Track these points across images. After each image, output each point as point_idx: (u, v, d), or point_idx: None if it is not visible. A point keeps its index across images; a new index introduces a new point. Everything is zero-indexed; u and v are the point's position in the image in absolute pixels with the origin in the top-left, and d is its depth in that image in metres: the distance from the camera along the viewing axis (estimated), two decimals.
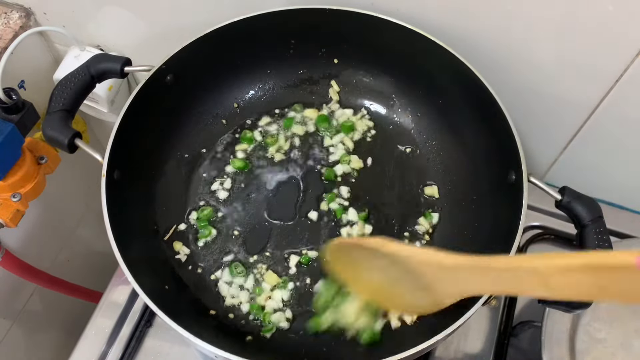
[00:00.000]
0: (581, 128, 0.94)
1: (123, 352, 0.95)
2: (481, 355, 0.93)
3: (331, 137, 0.98)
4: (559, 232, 1.04)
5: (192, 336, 0.68)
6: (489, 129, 0.84)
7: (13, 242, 1.22)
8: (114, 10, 1.07)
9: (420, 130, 0.98)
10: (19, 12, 1.13)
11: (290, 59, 0.98)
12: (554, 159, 1.02)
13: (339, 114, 1.00)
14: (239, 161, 0.96)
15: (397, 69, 0.96)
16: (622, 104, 0.87)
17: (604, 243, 0.72)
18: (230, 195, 0.94)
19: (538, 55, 0.86)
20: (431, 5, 0.86)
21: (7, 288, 1.27)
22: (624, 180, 1.01)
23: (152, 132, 0.90)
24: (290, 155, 0.97)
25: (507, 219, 0.77)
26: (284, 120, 0.99)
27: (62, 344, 1.45)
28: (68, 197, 1.39)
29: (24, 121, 1.04)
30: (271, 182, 0.95)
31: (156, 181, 0.92)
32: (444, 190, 0.94)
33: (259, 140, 0.98)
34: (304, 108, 1.00)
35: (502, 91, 0.81)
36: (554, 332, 0.87)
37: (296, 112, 1.00)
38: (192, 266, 0.89)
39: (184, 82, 0.90)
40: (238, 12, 0.88)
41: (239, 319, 0.86)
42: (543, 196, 0.77)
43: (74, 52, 1.14)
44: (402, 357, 0.69)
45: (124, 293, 0.99)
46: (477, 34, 0.87)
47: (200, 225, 0.92)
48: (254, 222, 0.92)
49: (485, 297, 0.71)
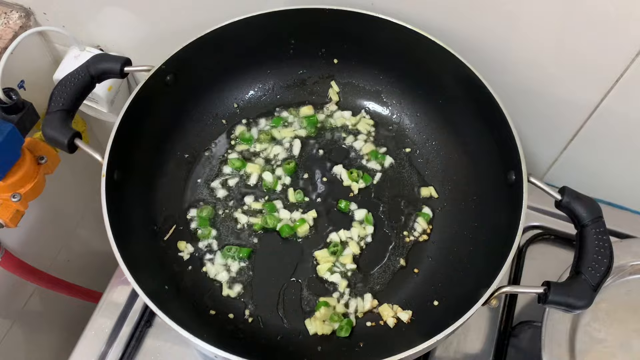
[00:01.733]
0: (581, 128, 0.94)
1: (123, 352, 0.95)
2: (481, 355, 0.93)
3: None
4: (559, 232, 1.04)
5: (192, 336, 0.68)
6: (489, 129, 0.84)
7: (13, 242, 1.22)
8: (114, 10, 1.07)
9: (420, 130, 0.98)
10: (18, 12, 1.13)
11: (290, 59, 0.98)
12: (553, 159, 1.02)
13: (337, 115, 1.00)
14: (237, 161, 0.96)
15: (397, 69, 0.96)
16: (622, 104, 0.87)
17: (603, 243, 0.72)
18: (230, 194, 0.95)
19: (538, 55, 0.86)
20: (431, 5, 0.86)
21: (7, 288, 1.27)
22: (624, 180, 1.01)
23: (152, 132, 0.90)
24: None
25: (507, 219, 0.77)
26: (274, 119, 1.00)
27: (62, 344, 1.45)
28: (68, 197, 1.39)
29: (23, 121, 1.05)
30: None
31: (156, 181, 0.92)
32: (443, 190, 0.94)
33: (257, 139, 0.98)
34: (299, 107, 1.01)
35: (502, 91, 0.81)
36: (554, 332, 0.87)
37: (289, 113, 1.00)
38: (192, 266, 0.89)
39: (184, 82, 0.90)
40: (238, 12, 0.88)
41: (239, 318, 0.86)
42: (543, 196, 0.77)
43: (74, 52, 1.14)
44: (402, 357, 0.69)
45: (123, 293, 0.99)
46: (477, 34, 0.87)
47: (200, 224, 0.92)
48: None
49: (485, 297, 0.71)
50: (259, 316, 0.86)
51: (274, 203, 0.93)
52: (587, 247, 0.72)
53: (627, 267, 0.91)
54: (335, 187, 0.95)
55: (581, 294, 0.70)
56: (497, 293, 0.71)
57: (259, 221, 0.92)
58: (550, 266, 0.96)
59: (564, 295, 0.70)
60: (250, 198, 0.94)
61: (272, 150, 0.98)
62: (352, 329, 0.85)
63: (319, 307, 0.85)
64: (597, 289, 0.70)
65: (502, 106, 0.80)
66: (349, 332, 0.84)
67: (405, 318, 0.83)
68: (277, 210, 0.93)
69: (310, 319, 0.85)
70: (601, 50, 0.81)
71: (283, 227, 0.91)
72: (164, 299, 0.74)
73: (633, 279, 0.91)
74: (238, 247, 0.90)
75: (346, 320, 0.84)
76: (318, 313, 0.84)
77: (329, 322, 0.84)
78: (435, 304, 0.84)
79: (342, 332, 0.83)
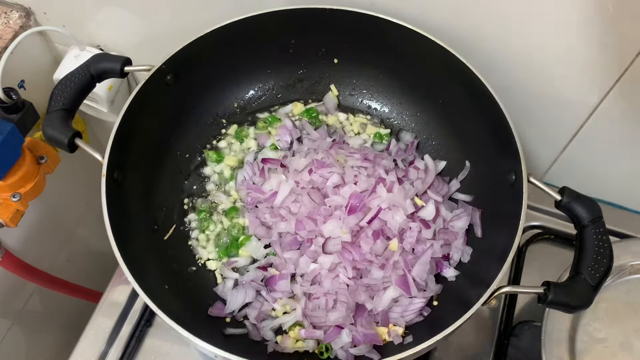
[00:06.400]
0: (581, 128, 0.94)
1: (123, 352, 0.95)
2: (481, 355, 0.93)
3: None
4: (559, 232, 1.04)
5: (192, 336, 0.68)
6: (489, 129, 0.84)
7: (13, 242, 1.22)
8: (114, 10, 1.07)
9: (420, 130, 0.98)
10: (19, 12, 1.13)
11: (290, 59, 0.98)
12: (553, 159, 1.02)
13: (337, 115, 1.01)
14: (236, 160, 0.96)
15: (397, 69, 0.96)
16: (622, 104, 0.87)
17: (603, 243, 0.72)
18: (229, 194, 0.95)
19: (538, 55, 0.86)
20: (431, 5, 0.86)
21: (7, 288, 1.27)
22: (624, 180, 1.01)
23: (152, 132, 0.90)
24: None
25: (507, 219, 0.77)
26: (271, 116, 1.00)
27: (62, 344, 1.45)
28: (68, 197, 1.39)
29: (24, 121, 1.05)
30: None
31: (156, 181, 0.92)
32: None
33: (255, 138, 0.99)
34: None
35: (502, 91, 0.81)
36: (554, 332, 0.87)
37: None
38: (191, 266, 0.89)
39: (184, 82, 0.90)
40: (238, 12, 0.88)
41: (238, 318, 0.86)
42: (543, 196, 0.77)
43: (74, 52, 1.14)
44: (402, 357, 0.69)
45: (124, 293, 0.99)
46: (477, 34, 0.87)
47: (200, 224, 0.92)
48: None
49: (485, 297, 0.71)
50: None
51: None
52: (587, 247, 0.72)
53: (627, 267, 0.92)
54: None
55: (581, 294, 0.70)
56: (497, 293, 0.71)
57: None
58: (550, 266, 0.96)
59: (564, 296, 0.70)
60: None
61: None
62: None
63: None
64: (597, 289, 0.70)
65: (502, 106, 0.81)
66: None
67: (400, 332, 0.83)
68: None
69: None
70: (601, 51, 0.81)
71: None
72: (164, 299, 0.74)
73: (633, 278, 0.92)
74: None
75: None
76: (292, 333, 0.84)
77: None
78: (435, 304, 0.84)
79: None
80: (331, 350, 0.81)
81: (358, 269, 0.84)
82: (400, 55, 0.92)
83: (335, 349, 0.81)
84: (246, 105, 1.01)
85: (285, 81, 1.01)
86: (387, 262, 0.83)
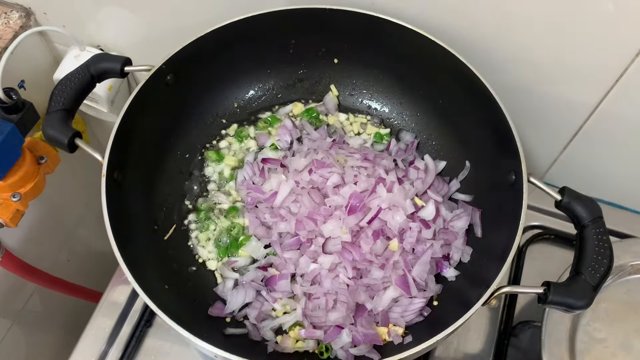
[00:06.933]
0: (581, 128, 0.94)
1: (123, 352, 0.95)
2: (481, 355, 0.93)
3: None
4: (559, 232, 1.04)
5: (192, 336, 0.68)
6: (489, 129, 0.84)
7: (13, 242, 1.22)
8: (114, 10, 1.07)
9: (420, 130, 0.98)
10: (19, 12, 1.13)
11: (290, 59, 0.98)
12: (554, 159, 1.02)
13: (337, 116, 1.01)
14: (235, 160, 0.96)
15: (397, 69, 0.96)
16: (622, 104, 0.87)
17: (603, 243, 0.72)
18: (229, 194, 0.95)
19: (538, 55, 0.86)
20: (431, 5, 0.86)
21: (7, 288, 1.27)
22: (624, 180, 1.01)
23: (152, 132, 0.90)
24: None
25: (507, 219, 0.77)
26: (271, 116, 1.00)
27: (62, 344, 1.45)
28: (68, 197, 1.39)
29: (24, 121, 1.05)
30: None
31: (156, 181, 0.92)
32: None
33: (255, 138, 0.99)
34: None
35: (502, 91, 0.81)
36: (554, 332, 0.87)
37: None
38: (191, 266, 0.89)
39: (184, 82, 0.90)
40: (238, 12, 0.88)
41: (238, 318, 0.86)
42: (543, 196, 0.77)
43: (74, 52, 1.14)
44: (402, 357, 0.69)
45: (124, 293, 0.99)
46: (477, 34, 0.87)
47: (200, 224, 0.92)
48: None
49: (485, 297, 0.71)
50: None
51: None
52: (587, 247, 0.72)
53: (627, 267, 0.91)
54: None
55: (581, 294, 0.70)
56: (497, 293, 0.71)
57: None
58: (550, 266, 0.96)
59: (564, 296, 0.70)
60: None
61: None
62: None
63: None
64: (597, 289, 0.70)
65: (502, 106, 0.81)
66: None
67: (400, 332, 0.83)
68: None
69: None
70: (601, 51, 0.81)
71: None
72: (164, 299, 0.74)
73: (633, 278, 0.92)
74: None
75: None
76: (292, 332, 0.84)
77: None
78: (435, 304, 0.84)
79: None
80: (331, 350, 0.81)
81: (358, 269, 0.84)
82: (400, 55, 0.92)
83: (335, 349, 0.81)
84: (246, 105, 1.01)
85: (285, 81, 1.01)
86: (387, 262, 0.83)
